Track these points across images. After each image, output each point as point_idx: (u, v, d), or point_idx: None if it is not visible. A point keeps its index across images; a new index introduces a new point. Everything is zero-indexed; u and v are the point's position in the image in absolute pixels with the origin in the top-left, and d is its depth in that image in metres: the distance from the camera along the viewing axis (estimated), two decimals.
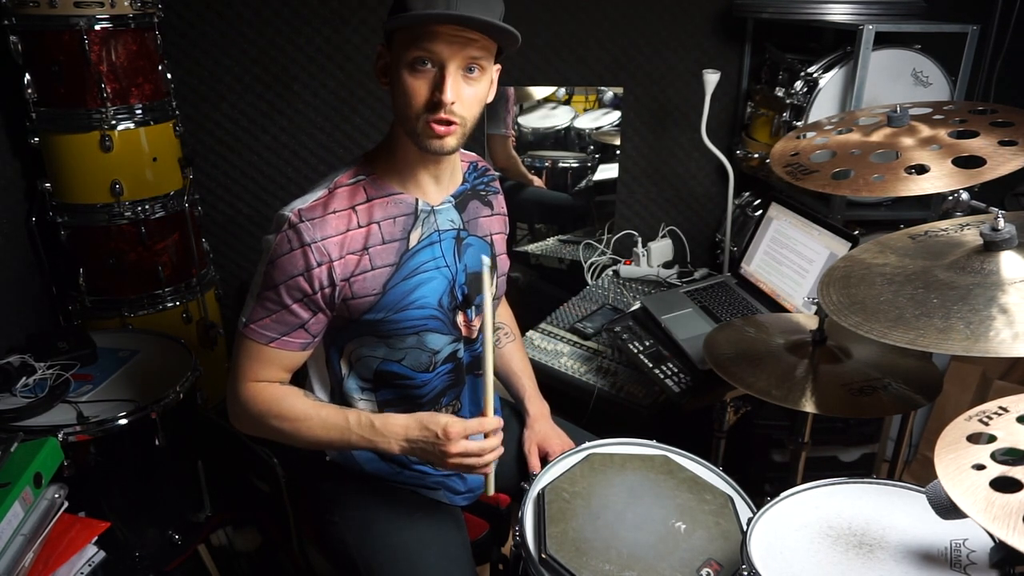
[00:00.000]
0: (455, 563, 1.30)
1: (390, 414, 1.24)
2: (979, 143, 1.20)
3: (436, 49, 1.10)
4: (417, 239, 1.24)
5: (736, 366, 1.45)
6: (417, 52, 1.10)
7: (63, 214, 2.02)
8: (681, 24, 2.57)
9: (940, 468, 0.81)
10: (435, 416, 1.20)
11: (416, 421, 1.20)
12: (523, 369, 1.59)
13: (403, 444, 1.21)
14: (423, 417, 1.21)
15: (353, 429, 1.21)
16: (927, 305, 1.01)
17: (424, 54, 1.10)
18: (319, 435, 1.23)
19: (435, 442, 1.18)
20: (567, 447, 1.44)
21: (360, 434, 1.21)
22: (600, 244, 2.72)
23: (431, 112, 1.12)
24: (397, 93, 1.15)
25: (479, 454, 1.18)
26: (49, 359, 1.70)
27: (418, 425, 1.20)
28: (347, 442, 1.23)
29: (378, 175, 1.24)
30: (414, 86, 1.12)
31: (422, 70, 1.11)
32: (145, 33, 1.98)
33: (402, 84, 1.13)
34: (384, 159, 1.25)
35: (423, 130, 1.14)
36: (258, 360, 1.21)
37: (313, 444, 1.26)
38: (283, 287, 1.17)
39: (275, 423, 1.22)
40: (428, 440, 1.18)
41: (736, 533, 1.17)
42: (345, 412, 1.23)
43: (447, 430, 1.17)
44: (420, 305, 1.24)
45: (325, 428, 1.22)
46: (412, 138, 1.17)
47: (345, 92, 2.49)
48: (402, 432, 1.20)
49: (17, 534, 1.30)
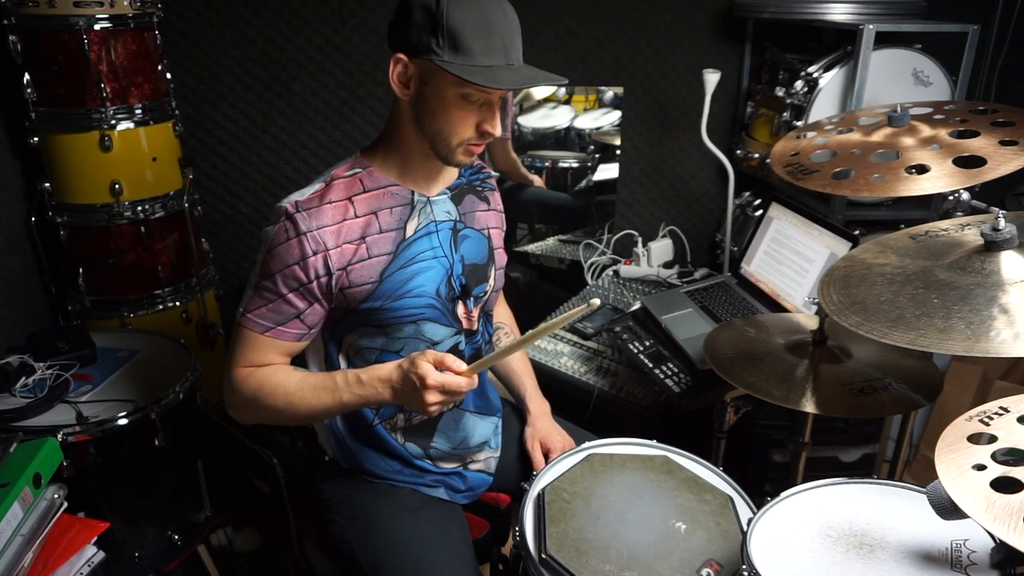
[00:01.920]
0: (460, 560, 1.30)
1: (375, 365, 1.23)
2: (979, 143, 1.20)
3: (494, 92, 1.15)
4: (414, 229, 1.26)
5: (736, 366, 1.45)
6: (473, 91, 1.14)
7: (63, 214, 2.02)
8: (681, 24, 2.57)
9: (941, 468, 0.81)
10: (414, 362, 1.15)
11: (398, 368, 1.18)
12: (523, 368, 1.60)
13: (389, 393, 1.19)
14: (404, 363, 1.17)
15: (341, 387, 1.21)
16: (927, 305, 1.01)
17: (482, 95, 1.16)
18: (311, 403, 1.22)
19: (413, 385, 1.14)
20: (568, 445, 1.45)
21: (350, 391, 1.21)
22: (600, 244, 2.72)
23: (475, 139, 1.19)
24: (439, 118, 1.18)
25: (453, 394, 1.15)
26: (49, 359, 1.69)
27: (400, 374, 1.17)
28: (340, 402, 1.22)
29: (375, 168, 1.25)
30: (462, 117, 1.17)
31: (472, 101, 1.16)
32: (145, 33, 1.98)
33: (449, 111, 1.16)
34: (382, 154, 1.27)
35: (461, 151, 1.20)
36: (253, 349, 1.22)
37: (309, 414, 1.25)
38: (279, 276, 1.18)
39: (268, 401, 1.22)
40: (406, 385, 1.16)
41: (736, 533, 1.17)
42: (332, 374, 1.23)
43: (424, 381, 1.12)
44: (417, 294, 1.25)
45: (316, 393, 1.22)
46: (441, 155, 1.21)
47: (345, 92, 2.49)
48: (387, 379, 1.19)
49: (16, 534, 1.30)
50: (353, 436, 1.36)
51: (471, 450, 1.42)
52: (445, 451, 1.39)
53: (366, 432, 1.35)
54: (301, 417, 1.26)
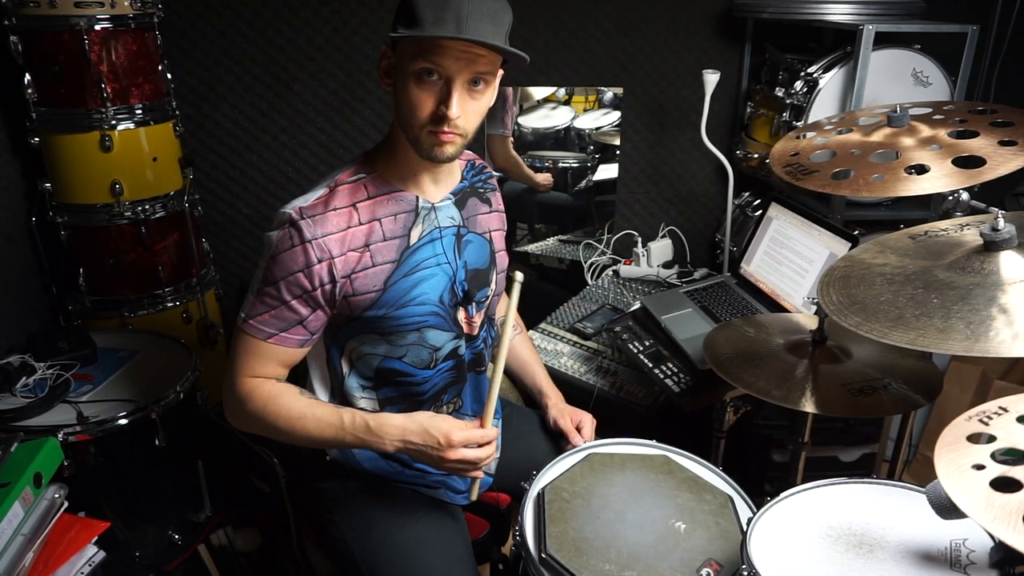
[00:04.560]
0: (457, 561, 1.30)
1: (386, 414, 1.23)
2: (979, 143, 1.20)
3: (444, 63, 1.10)
4: (418, 236, 1.25)
5: (736, 366, 1.45)
6: (424, 64, 1.11)
7: (63, 214, 2.02)
8: (681, 24, 2.57)
9: (940, 468, 0.81)
10: (436, 420, 1.20)
11: (416, 425, 1.20)
12: (534, 358, 1.61)
13: (399, 445, 1.20)
14: (424, 421, 1.20)
15: (347, 429, 1.21)
16: (927, 305, 1.01)
17: (431, 66, 1.11)
18: (313, 434, 1.23)
19: (435, 448, 1.18)
20: (594, 423, 1.48)
21: (354, 434, 1.21)
22: (600, 244, 2.72)
23: (435, 124, 1.14)
24: (401, 100, 1.16)
25: (475, 463, 1.20)
26: (49, 359, 1.69)
27: (418, 430, 1.19)
28: (341, 441, 1.23)
29: (379, 173, 1.24)
30: (419, 97, 1.13)
31: (428, 81, 1.12)
32: (145, 33, 1.98)
33: (407, 93, 1.14)
34: (385, 158, 1.26)
35: (425, 139, 1.16)
36: (255, 356, 1.22)
37: (307, 442, 1.25)
38: (283, 283, 1.17)
39: (270, 420, 1.22)
40: (427, 445, 1.19)
41: (736, 533, 1.17)
42: (340, 411, 1.23)
43: (450, 438, 1.17)
44: (421, 302, 1.25)
45: (319, 427, 1.22)
46: (413, 144, 1.18)
47: (345, 92, 2.49)
48: (399, 434, 1.20)
49: (17, 534, 1.31)
50: None
51: None
52: None
53: None
54: (298, 442, 1.26)
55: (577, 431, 1.47)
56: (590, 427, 1.48)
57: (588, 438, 1.45)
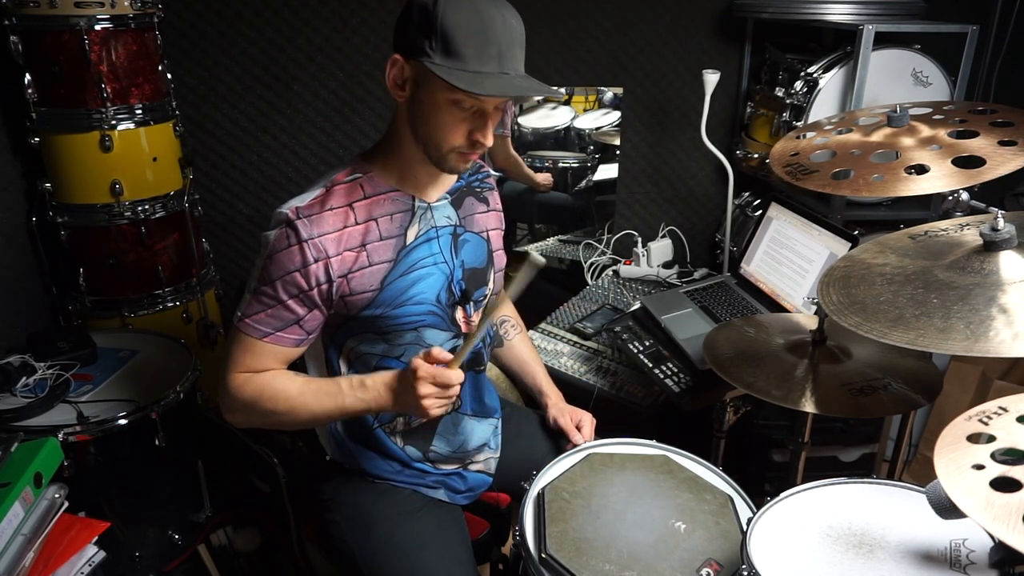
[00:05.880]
0: (456, 561, 1.30)
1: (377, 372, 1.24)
2: (979, 143, 1.20)
3: (486, 101, 1.13)
4: (414, 235, 1.25)
5: (736, 366, 1.45)
6: (463, 97, 1.12)
7: (63, 214, 2.02)
8: (681, 24, 2.57)
9: (940, 468, 0.81)
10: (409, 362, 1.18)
11: (395, 372, 1.21)
12: (534, 358, 1.61)
13: (389, 395, 1.20)
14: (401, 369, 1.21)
15: (345, 391, 1.21)
16: (927, 305, 1.01)
17: (472, 102, 1.13)
18: (314, 408, 1.22)
19: (408, 382, 1.16)
20: (593, 420, 1.48)
21: (354, 395, 1.21)
22: (600, 244, 2.72)
23: (467, 148, 1.17)
24: (429, 121, 1.16)
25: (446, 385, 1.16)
26: (49, 359, 1.70)
27: (398, 373, 1.20)
28: (342, 406, 1.22)
29: (375, 173, 1.25)
30: (452, 124, 1.15)
31: (462, 108, 1.14)
32: (145, 33, 1.98)
33: (438, 117, 1.15)
34: (382, 158, 1.26)
35: (453, 159, 1.19)
36: (251, 355, 1.22)
37: (310, 418, 1.25)
38: (279, 282, 1.17)
39: (268, 406, 1.22)
40: (404, 385, 1.17)
41: (736, 533, 1.17)
42: (336, 379, 1.24)
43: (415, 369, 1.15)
44: (418, 301, 1.25)
45: (318, 398, 1.22)
46: (436, 162, 1.20)
47: (345, 92, 2.49)
48: (387, 380, 1.20)
49: (17, 534, 1.31)
50: (352, 439, 1.36)
51: (470, 452, 1.42)
52: (444, 454, 1.39)
53: (366, 435, 1.35)
54: (301, 422, 1.26)
55: (577, 430, 1.47)
56: (590, 426, 1.48)
57: (588, 437, 1.45)
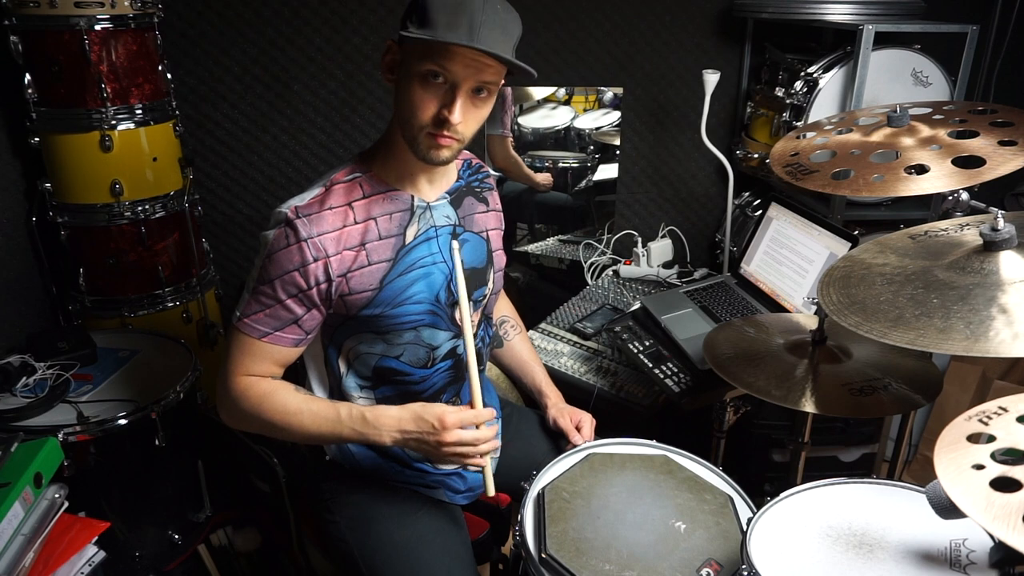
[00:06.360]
0: (456, 561, 1.30)
1: (382, 406, 1.23)
2: (979, 143, 1.20)
3: (452, 68, 1.10)
4: (413, 235, 1.25)
5: (736, 366, 1.45)
6: (431, 66, 1.10)
7: (63, 214, 2.02)
8: (681, 24, 2.57)
9: (940, 468, 0.81)
10: (429, 406, 1.20)
11: (410, 412, 1.20)
12: (533, 358, 1.61)
13: (396, 436, 1.20)
14: (417, 408, 1.20)
15: (344, 422, 1.21)
16: (927, 305, 1.01)
17: (438, 69, 1.11)
18: (310, 429, 1.22)
19: (430, 432, 1.17)
20: (593, 421, 1.48)
21: (351, 427, 1.21)
22: (600, 244, 2.72)
23: (435, 127, 1.14)
24: (403, 99, 1.15)
25: (474, 444, 1.18)
26: (49, 359, 1.70)
27: (412, 417, 1.19)
28: (338, 435, 1.23)
29: (374, 172, 1.25)
30: (422, 98, 1.13)
31: (433, 83, 1.12)
32: (145, 33, 1.98)
33: (410, 92, 1.13)
34: (381, 157, 1.26)
35: (423, 140, 1.16)
36: (250, 354, 1.22)
37: (304, 437, 1.25)
38: (278, 282, 1.17)
39: (266, 417, 1.22)
40: (423, 431, 1.18)
41: (736, 533, 1.17)
42: (336, 405, 1.23)
43: (443, 419, 1.16)
44: (417, 300, 1.25)
45: (315, 420, 1.22)
46: (409, 144, 1.18)
47: (345, 92, 2.49)
48: (395, 424, 1.20)
49: (17, 534, 1.31)
50: None
51: None
52: None
53: None
54: (295, 438, 1.26)
55: (577, 430, 1.47)
56: (590, 427, 1.48)
57: (588, 438, 1.45)
